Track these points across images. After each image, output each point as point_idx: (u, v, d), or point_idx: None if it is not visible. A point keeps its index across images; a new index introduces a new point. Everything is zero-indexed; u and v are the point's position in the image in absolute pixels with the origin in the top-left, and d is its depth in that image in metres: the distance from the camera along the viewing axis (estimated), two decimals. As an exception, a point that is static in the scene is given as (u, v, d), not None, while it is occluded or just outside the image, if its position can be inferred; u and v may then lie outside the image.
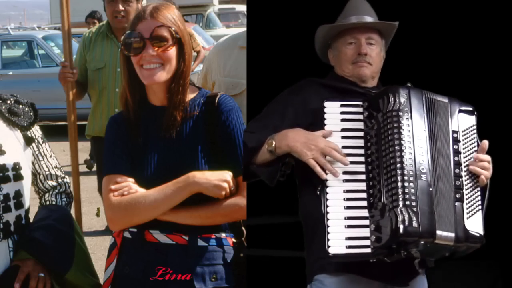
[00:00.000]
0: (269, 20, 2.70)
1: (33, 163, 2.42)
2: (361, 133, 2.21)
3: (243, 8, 19.05)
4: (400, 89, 2.19)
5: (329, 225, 2.12)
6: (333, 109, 2.22)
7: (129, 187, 2.21)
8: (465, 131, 2.29)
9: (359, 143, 2.20)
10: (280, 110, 2.33)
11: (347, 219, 2.13)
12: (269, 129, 2.26)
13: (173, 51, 2.22)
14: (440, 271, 2.31)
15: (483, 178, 2.23)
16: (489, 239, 2.30)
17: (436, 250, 2.16)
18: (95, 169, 6.87)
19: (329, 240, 2.11)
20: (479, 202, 2.25)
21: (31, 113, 2.42)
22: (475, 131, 2.31)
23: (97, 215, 6.09)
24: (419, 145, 2.14)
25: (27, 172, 2.34)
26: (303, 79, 2.41)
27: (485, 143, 2.28)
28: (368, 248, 2.10)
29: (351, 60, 2.37)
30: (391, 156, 2.12)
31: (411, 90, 2.21)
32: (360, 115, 2.22)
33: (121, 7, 4.40)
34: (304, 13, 2.74)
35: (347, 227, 2.12)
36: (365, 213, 2.13)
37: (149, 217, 2.20)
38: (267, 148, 2.20)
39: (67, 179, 2.55)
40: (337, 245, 2.11)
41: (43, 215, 2.39)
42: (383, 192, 2.11)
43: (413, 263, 2.15)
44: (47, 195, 2.47)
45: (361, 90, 2.35)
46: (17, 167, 2.28)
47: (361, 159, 2.18)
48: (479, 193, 2.26)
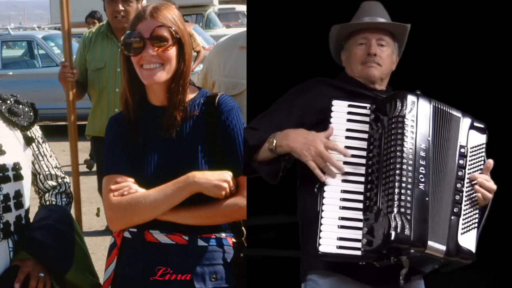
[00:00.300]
0: (269, 20, 2.69)
1: (33, 163, 2.42)
2: (365, 135, 2.20)
3: (243, 8, 19.05)
4: (408, 96, 2.19)
5: (323, 223, 2.12)
6: (340, 108, 2.22)
7: (129, 187, 2.22)
8: (474, 148, 2.28)
9: (362, 145, 2.19)
10: (286, 108, 2.33)
11: (341, 219, 2.13)
12: (273, 127, 2.26)
13: (173, 51, 2.22)
14: (439, 271, 2.31)
15: (482, 199, 2.25)
16: (489, 239, 2.30)
17: (426, 260, 2.17)
18: (95, 169, 6.87)
19: (320, 238, 2.11)
20: (476, 220, 2.25)
21: (31, 113, 2.42)
22: (483, 150, 2.31)
23: (97, 215, 6.10)
24: (421, 154, 2.14)
25: (27, 172, 2.34)
26: (312, 78, 2.40)
27: (490, 163, 2.28)
28: (358, 250, 2.11)
29: (360, 60, 2.37)
30: (391, 161, 2.12)
31: (420, 97, 2.20)
32: (366, 117, 2.22)
33: (121, 7, 4.40)
34: (304, 13, 2.74)
35: (340, 227, 2.12)
36: (359, 215, 2.13)
37: (149, 217, 2.20)
38: (268, 146, 2.21)
39: (67, 179, 2.55)
40: (328, 244, 2.11)
41: (43, 215, 2.39)
42: (380, 196, 2.11)
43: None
44: (47, 195, 2.47)
45: (370, 93, 2.34)
46: (17, 167, 2.28)
47: (362, 161, 2.18)
48: (477, 211, 2.26)
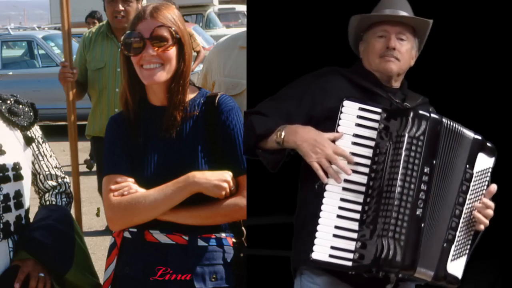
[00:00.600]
0: (269, 20, 2.69)
1: (33, 163, 2.42)
2: (372, 143, 2.17)
3: (243, 8, 19.05)
4: (420, 114, 2.14)
5: (318, 230, 2.13)
6: (350, 110, 2.19)
7: (129, 187, 2.22)
8: (479, 172, 2.26)
9: (368, 152, 2.17)
10: (297, 95, 2.29)
11: (336, 228, 2.13)
12: (282, 115, 2.24)
13: (173, 51, 2.22)
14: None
15: (482, 226, 2.24)
16: (489, 239, 2.30)
17: (412, 280, 2.21)
18: (95, 169, 6.87)
19: (314, 245, 2.13)
20: (468, 246, 2.25)
21: (31, 113, 2.42)
22: (489, 173, 2.29)
23: (97, 215, 6.10)
24: (423, 179, 2.12)
25: (27, 172, 2.34)
26: (326, 67, 2.36)
27: (493, 188, 2.27)
28: (349, 261, 2.12)
29: (378, 53, 2.31)
30: (393, 183, 2.10)
31: (432, 116, 2.16)
32: (376, 123, 2.18)
33: (121, 7, 4.40)
34: (304, 13, 2.74)
35: (334, 236, 2.13)
36: (355, 225, 2.13)
37: (149, 217, 2.20)
38: (275, 139, 2.19)
39: (67, 179, 2.55)
40: (320, 251, 2.12)
41: (43, 215, 2.39)
42: (377, 214, 2.11)
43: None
44: (47, 195, 2.47)
45: (384, 93, 2.30)
46: (17, 167, 2.28)
47: (366, 170, 2.16)
48: (471, 237, 2.26)
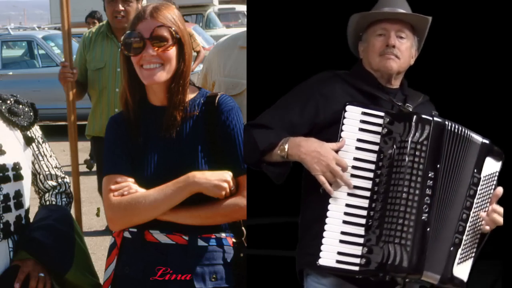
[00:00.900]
0: (269, 20, 2.70)
1: (33, 163, 2.42)
2: (375, 147, 2.17)
3: (243, 8, 19.05)
4: (423, 118, 2.14)
5: (324, 236, 2.14)
6: (353, 115, 2.18)
7: (129, 187, 2.21)
8: (487, 176, 2.26)
9: (372, 157, 2.17)
10: (300, 103, 2.28)
11: (343, 233, 2.14)
12: (285, 125, 2.24)
13: (173, 51, 2.22)
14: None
15: (488, 229, 2.25)
16: (490, 239, 2.30)
17: (419, 282, 2.22)
18: (95, 169, 6.87)
19: (321, 251, 2.13)
20: (475, 249, 2.26)
21: (31, 113, 2.42)
22: (496, 177, 2.29)
23: (97, 215, 6.10)
24: (428, 183, 2.12)
25: (27, 172, 2.34)
26: (326, 71, 2.35)
27: (499, 191, 2.26)
28: (356, 266, 2.13)
29: (378, 51, 2.30)
30: (398, 189, 2.11)
31: (435, 120, 2.16)
32: (379, 127, 2.18)
33: (121, 7, 4.40)
34: (304, 13, 2.75)
35: (341, 242, 2.14)
36: (361, 230, 2.14)
37: (149, 217, 2.20)
38: (279, 153, 2.19)
39: (67, 179, 2.55)
40: (327, 257, 2.13)
41: (43, 215, 2.39)
42: (382, 219, 2.11)
43: None
44: (47, 195, 2.47)
45: (385, 96, 2.30)
46: (17, 167, 2.27)
47: (370, 175, 2.16)
48: (477, 240, 2.26)
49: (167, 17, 2.23)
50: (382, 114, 2.19)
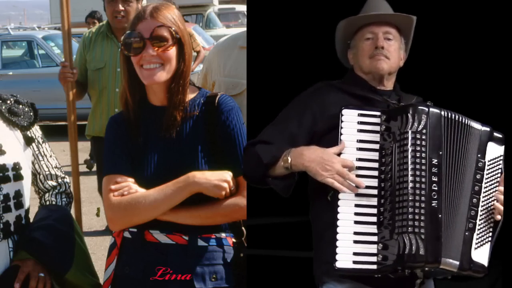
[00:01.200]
0: (269, 20, 2.70)
1: (33, 163, 2.42)
2: (376, 146, 2.19)
3: (243, 8, 19.05)
4: (419, 108, 2.16)
5: (338, 238, 2.13)
6: (350, 117, 2.20)
7: (129, 187, 2.22)
8: (491, 161, 2.27)
9: (374, 156, 2.18)
10: (297, 115, 2.30)
11: (356, 234, 2.14)
12: (285, 138, 2.25)
13: (173, 51, 2.22)
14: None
15: (498, 216, 2.25)
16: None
17: (439, 272, 2.20)
18: (95, 169, 6.87)
19: (337, 254, 2.12)
20: (490, 233, 2.26)
21: (31, 113, 2.42)
22: (501, 161, 2.30)
23: (97, 215, 6.10)
24: (433, 170, 2.13)
25: (27, 172, 2.34)
26: (313, 79, 2.38)
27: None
28: (374, 264, 2.12)
29: (368, 54, 2.34)
30: (404, 179, 2.11)
31: (431, 109, 2.17)
32: (377, 126, 2.20)
33: (121, 7, 4.40)
34: (304, 13, 2.75)
35: (355, 242, 2.13)
36: (374, 229, 2.14)
37: (149, 217, 2.20)
38: (283, 165, 2.19)
39: (67, 179, 2.55)
40: (344, 259, 2.12)
41: (43, 215, 2.39)
42: (393, 213, 2.11)
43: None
44: (47, 195, 2.47)
45: (379, 97, 2.32)
46: (17, 167, 2.28)
47: (375, 173, 2.17)
48: (492, 224, 2.26)
49: (167, 17, 2.23)
50: (378, 113, 2.21)
